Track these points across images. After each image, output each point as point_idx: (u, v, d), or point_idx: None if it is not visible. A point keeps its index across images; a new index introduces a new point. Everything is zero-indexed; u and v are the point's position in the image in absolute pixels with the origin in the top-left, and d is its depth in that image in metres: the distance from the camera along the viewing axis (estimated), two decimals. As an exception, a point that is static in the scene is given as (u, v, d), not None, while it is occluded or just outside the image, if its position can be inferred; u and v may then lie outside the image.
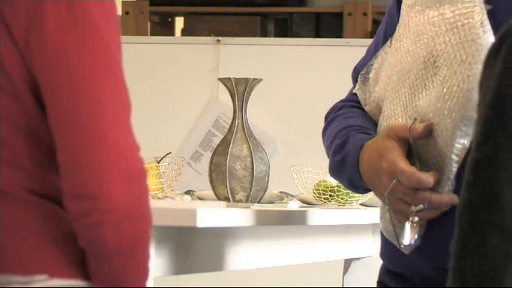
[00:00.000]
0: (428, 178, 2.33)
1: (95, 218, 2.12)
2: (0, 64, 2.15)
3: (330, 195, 3.49)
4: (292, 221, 3.30)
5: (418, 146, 2.37)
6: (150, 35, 6.16)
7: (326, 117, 2.66)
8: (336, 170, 2.58)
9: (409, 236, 2.37)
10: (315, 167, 3.27)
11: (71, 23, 2.14)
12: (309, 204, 3.54)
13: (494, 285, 1.91)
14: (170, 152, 3.64)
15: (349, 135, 2.51)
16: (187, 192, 3.59)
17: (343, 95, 2.69)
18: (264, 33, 6.17)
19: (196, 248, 2.86)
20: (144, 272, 2.25)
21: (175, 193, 3.59)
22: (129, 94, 2.17)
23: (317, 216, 3.34)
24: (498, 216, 1.94)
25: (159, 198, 3.31)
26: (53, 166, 2.17)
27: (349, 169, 2.49)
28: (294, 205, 3.49)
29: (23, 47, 2.14)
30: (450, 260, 1.97)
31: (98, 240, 2.15)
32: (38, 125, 2.17)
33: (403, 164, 2.34)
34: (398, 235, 2.38)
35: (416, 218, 2.34)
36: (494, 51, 2.02)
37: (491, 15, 2.35)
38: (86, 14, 2.14)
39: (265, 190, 3.35)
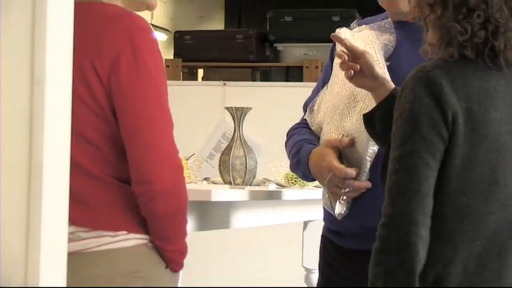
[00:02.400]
0: (352, 171, 2.36)
1: (150, 196, 2.13)
2: (92, 95, 2.15)
3: (295, 181, 3.50)
4: (271, 196, 3.32)
5: (345, 151, 2.40)
6: (182, 80, 6.14)
7: (287, 134, 2.68)
8: (294, 167, 2.62)
9: (340, 208, 2.39)
10: (285, 163, 3.26)
11: (135, 71, 2.14)
12: (282, 186, 3.52)
13: (415, 230, 1.94)
14: (194, 153, 3.64)
15: (302, 145, 2.54)
16: (205, 179, 3.58)
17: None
18: (253, 79, 6.16)
19: (211, 214, 2.87)
20: (181, 230, 2.23)
21: (198, 179, 3.58)
22: (171, 116, 2.18)
23: (287, 194, 3.36)
24: (418, 186, 1.96)
25: (187, 183, 3.31)
26: (126, 161, 2.17)
27: (302, 167, 2.52)
28: (272, 187, 3.48)
29: (106, 84, 2.14)
30: (382, 218, 1.99)
31: (151, 211, 2.16)
32: (116, 135, 2.17)
33: (336, 163, 2.38)
34: (334, 208, 2.41)
35: (345, 197, 2.37)
36: (401, 90, 2.03)
37: (389, 68, 2.37)
38: (145, 65, 2.15)
39: (254, 177, 3.35)
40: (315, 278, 3.92)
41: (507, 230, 2.06)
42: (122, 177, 2.17)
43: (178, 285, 2.31)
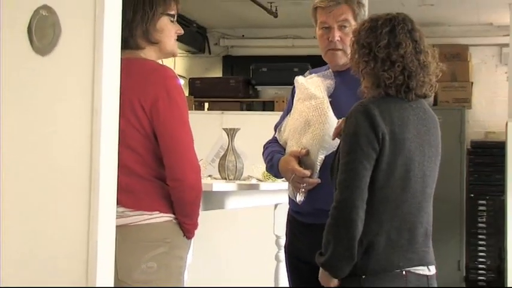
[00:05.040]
0: (307, 173, 2.36)
1: (181, 189, 2.14)
2: (139, 122, 2.15)
3: (269, 177, 3.46)
4: (253, 187, 3.28)
5: (302, 159, 2.38)
6: (194, 110, 6.11)
7: (263, 146, 2.66)
8: (269, 169, 2.61)
9: (300, 197, 2.37)
10: (262, 165, 3.23)
11: (169, 107, 2.14)
12: (260, 180, 3.50)
13: (356, 211, 1.96)
14: (202, 159, 3.59)
15: (274, 154, 2.52)
16: (209, 176, 3.54)
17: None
18: (241, 109, 6.14)
19: (212, 199, 2.83)
20: (197, 211, 2.23)
21: (204, 176, 3.53)
22: (192, 135, 2.19)
23: (264, 185, 3.32)
24: (358, 182, 1.96)
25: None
26: (161, 165, 2.16)
27: (274, 169, 2.51)
28: (253, 181, 3.45)
29: (149, 115, 2.13)
30: (333, 202, 1.99)
31: (181, 198, 2.15)
32: (155, 148, 2.16)
33: (297, 167, 2.36)
34: (296, 197, 2.39)
35: (303, 190, 2.35)
36: (346, 118, 2.05)
37: (331, 103, 2.36)
38: (176, 103, 2.15)
39: (242, 174, 3.31)
40: (282, 241, 3.90)
41: (415, 213, 2.07)
42: (158, 176, 2.17)
43: (190, 247, 2.30)
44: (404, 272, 2.02)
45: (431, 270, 2.09)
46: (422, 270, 2.06)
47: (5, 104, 1.83)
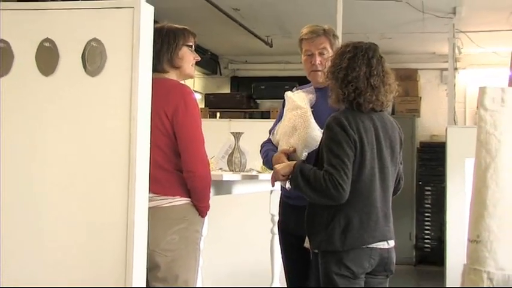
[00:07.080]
0: None
1: (193, 179, 2.09)
2: (163, 126, 2.11)
3: (266, 170, 3.43)
4: (254, 177, 3.24)
5: (291, 155, 2.33)
6: (208, 118, 6.09)
7: (261, 145, 2.61)
8: (265, 164, 2.54)
9: (289, 185, 2.33)
10: (260, 161, 3.21)
11: (186, 114, 2.11)
12: (259, 172, 3.47)
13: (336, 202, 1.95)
14: (214, 156, 3.58)
15: (268, 152, 2.47)
16: (220, 169, 3.52)
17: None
18: (245, 118, 6.15)
19: (222, 187, 2.79)
20: (207, 196, 2.18)
21: (216, 169, 3.51)
22: (203, 136, 2.15)
23: (262, 176, 3.27)
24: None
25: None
26: (180, 160, 2.12)
27: (269, 164, 2.45)
28: (254, 172, 3.43)
29: (171, 120, 2.10)
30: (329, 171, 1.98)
31: (193, 186, 2.11)
32: (175, 146, 2.12)
33: (286, 162, 2.29)
34: (285, 185, 2.35)
35: None
36: (325, 128, 2.02)
37: (313, 112, 2.32)
38: (191, 111, 2.11)
39: (245, 167, 3.30)
40: (276, 218, 3.87)
41: (379, 201, 2.06)
42: (178, 168, 2.15)
43: (205, 224, 2.28)
44: (370, 246, 2.02)
45: (390, 244, 2.10)
46: (383, 244, 2.07)
47: (62, 114, 1.84)
